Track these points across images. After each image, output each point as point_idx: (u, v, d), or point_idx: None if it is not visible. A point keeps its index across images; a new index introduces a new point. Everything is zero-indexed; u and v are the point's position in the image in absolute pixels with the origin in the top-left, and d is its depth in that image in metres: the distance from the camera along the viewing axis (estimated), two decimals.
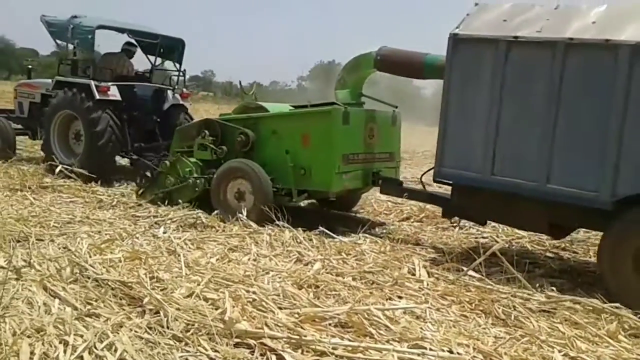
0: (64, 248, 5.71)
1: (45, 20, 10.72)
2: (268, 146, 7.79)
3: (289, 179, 7.54)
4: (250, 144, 7.82)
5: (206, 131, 8.11)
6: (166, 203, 8.03)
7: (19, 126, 11.39)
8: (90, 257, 5.38)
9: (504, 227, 7.64)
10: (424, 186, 7.64)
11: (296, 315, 4.28)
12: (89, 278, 4.87)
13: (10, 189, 8.20)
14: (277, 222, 7.01)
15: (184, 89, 11.17)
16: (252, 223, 7.02)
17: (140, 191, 8.56)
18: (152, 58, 11.35)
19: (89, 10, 10.48)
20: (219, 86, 65.67)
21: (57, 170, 9.18)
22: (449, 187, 6.62)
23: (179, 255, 5.63)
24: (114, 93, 9.79)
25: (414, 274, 5.62)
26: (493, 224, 7.53)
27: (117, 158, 10.26)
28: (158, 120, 10.66)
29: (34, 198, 7.77)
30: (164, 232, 6.65)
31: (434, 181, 6.77)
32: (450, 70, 6.28)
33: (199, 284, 4.83)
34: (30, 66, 11.86)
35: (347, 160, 7.45)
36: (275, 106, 8.42)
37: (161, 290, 4.72)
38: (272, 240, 6.50)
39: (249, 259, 5.84)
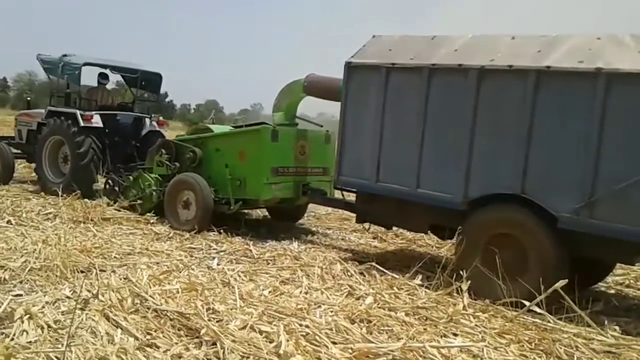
0: (125, 279, 5.88)
1: (40, 59, 12.06)
2: (212, 162, 9.06)
3: (228, 189, 8.71)
4: (197, 160, 9.09)
5: (163, 150, 9.50)
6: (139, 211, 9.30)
7: (19, 151, 12.58)
8: (150, 287, 5.54)
9: None
10: (343, 195, 8.57)
11: (350, 351, 4.29)
12: (149, 308, 5.01)
13: (74, 221, 8.50)
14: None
15: (160, 117, 12.47)
16: (303, 256, 7.16)
17: (112, 202, 9.80)
18: (134, 90, 12.63)
19: (99, 48, 11.54)
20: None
21: (116, 204, 9.66)
22: None
23: (233, 287, 5.75)
24: (97, 121, 11.03)
25: (468, 310, 5.53)
26: None
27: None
28: (137, 144, 11.76)
29: (96, 230, 8.03)
30: (218, 264, 6.80)
31: (334, 188, 8.11)
32: (346, 93, 7.38)
33: (253, 316, 4.91)
34: (29, 98, 13.11)
35: (277, 173, 8.63)
36: (220, 127, 9.87)
37: (217, 321, 4.82)
38: (323, 273, 6.55)
39: (300, 292, 5.89)
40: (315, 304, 5.47)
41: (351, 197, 8.14)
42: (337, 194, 8.87)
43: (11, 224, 8.02)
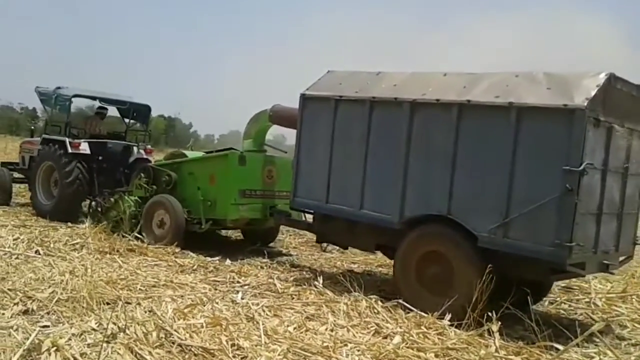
0: (150, 312, 5.86)
1: (37, 91, 13.03)
2: (186, 184, 9.88)
3: (199, 210, 9.48)
4: (172, 183, 9.92)
5: (142, 174, 10.33)
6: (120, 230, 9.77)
7: (22, 176, 13.30)
8: (174, 321, 5.50)
9: (600, 301, 7.34)
10: (305, 217, 9.06)
11: None
12: (173, 343, 4.98)
13: (100, 251, 8.55)
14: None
15: (148, 146, 13.13)
16: (328, 291, 7.07)
17: (95, 223, 10.35)
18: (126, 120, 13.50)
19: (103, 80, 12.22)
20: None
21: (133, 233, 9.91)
22: None
23: (258, 323, 5.68)
24: (84, 148, 11.80)
25: (500, 352, 5.37)
26: None
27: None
28: (126, 170, 12.38)
29: (122, 261, 8.06)
30: (242, 298, 6.74)
31: (290, 209, 8.64)
32: (300, 121, 8.12)
33: (278, 354, 4.85)
34: (32, 127, 13.83)
35: (244, 195, 9.43)
36: (195, 153, 10.80)
37: (241, 358, 4.77)
38: (349, 310, 6.44)
39: (326, 329, 5.80)
40: (341, 342, 5.38)
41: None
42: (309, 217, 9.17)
43: (39, 254, 8.11)
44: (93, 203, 11.13)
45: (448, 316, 6.27)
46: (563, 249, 5.79)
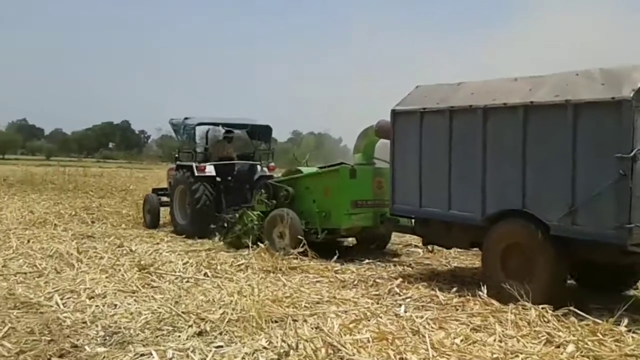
0: (317, 328, 5.98)
1: (170, 122, 14.59)
2: (303, 198, 10.72)
3: (315, 220, 10.26)
4: (290, 197, 10.77)
5: (262, 190, 11.24)
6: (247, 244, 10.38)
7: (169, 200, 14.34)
8: (341, 337, 5.57)
9: None
10: (412, 223, 9.27)
11: None
12: (341, 359, 5.04)
13: (264, 270, 8.93)
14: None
15: (271, 163, 13.99)
16: (493, 301, 6.82)
17: (223, 237, 11.57)
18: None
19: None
20: None
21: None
22: None
23: (424, 336, 5.61)
24: (209, 170, 12.93)
25: None
26: None
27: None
28: (251, 188, 13.17)
29: (285, 279, 8.36)
30: (405, 311, 6.70)
31: (390, 215, 9.35)
32: (393, 135, 8.86)
33: None
34: (176, 155, 14.61)
35: (356, 205, 10.15)
36: (310, 169, 11.54)
37: None
38: (517, 320, 6.17)
39: (494, 340, 5.62)
40: (511, 353, 5.20)
41: None
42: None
43: (207, 276, 8.58)
44: (219, 220, 12.11)
45: (625, 322, 5.93)
46: (623, 231, 6.29)
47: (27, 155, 78.75)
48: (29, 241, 11.41)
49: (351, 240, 11.97)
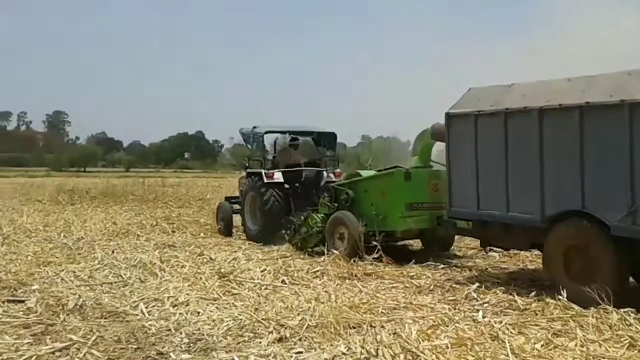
0: (394, 334, 6.01)
1: (240, 132, 15.21)
2: (362, 201, 10.99)
3: (373, 223, 10.40)
4: (350, 200, 11.05)
5: (325, 194, 11.63)
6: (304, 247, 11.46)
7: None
8: (419, 343, 5.61)
9: None
10: (469, 225, 9.23)
11: None
12: None
13: (340, 277, 9.03)
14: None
15: (337, 169, 14.21)
16: (574, 305, 6.71)
17: (289, 239, 12.09)
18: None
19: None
20: None
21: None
22: None
23: (503, 341, 5.59)
24: (278, 177, 13.30)
25: None
26: None
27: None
28: (317, 193, 13.04)
29: (361, 285, 8.43)
30: (483, 317, 6.67)
31: (447, 218, 9.33)
32: (448, 138, 8.92)
33: None
34: (247, 164, 14.85)
35: (411, 208, 10.28)
36: (368, 172, 11.86)
37: None
38: (599, 324, 6.07)
39: (575, 345, 5.55)
40: (594, 358, 5.15)
41: None
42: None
43: (285, 283, 8.75)
44: (287, 223, 12.46)
45: None
46: None
47: (107, 168, 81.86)
48: (113, 252, 11.86)
49: (416, 245, 12.06)
